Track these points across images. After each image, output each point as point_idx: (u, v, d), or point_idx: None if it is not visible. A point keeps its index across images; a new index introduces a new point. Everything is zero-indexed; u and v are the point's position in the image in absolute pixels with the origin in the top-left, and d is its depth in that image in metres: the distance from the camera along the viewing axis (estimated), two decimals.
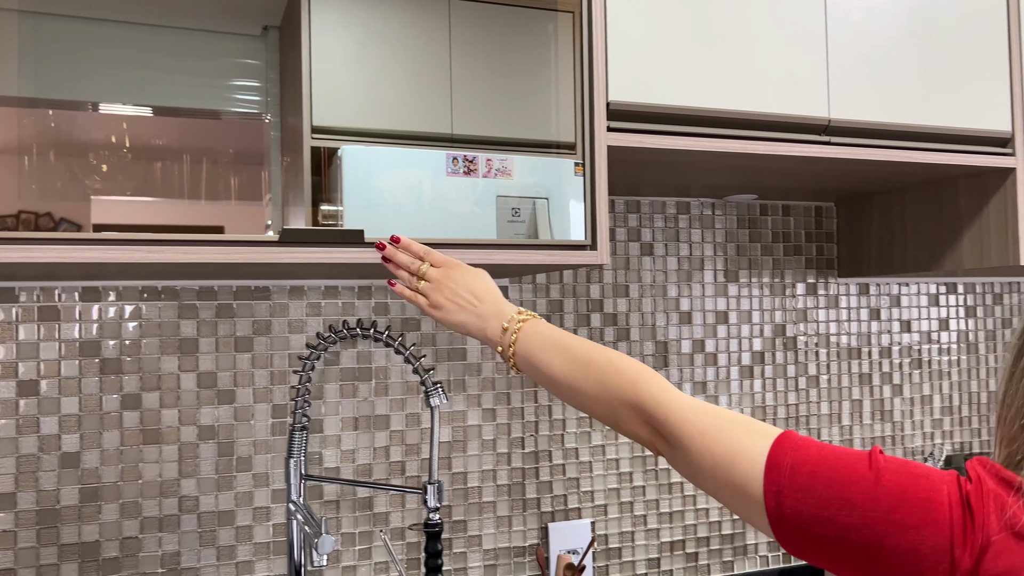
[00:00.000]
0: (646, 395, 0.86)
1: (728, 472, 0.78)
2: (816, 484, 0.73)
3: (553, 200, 1.19)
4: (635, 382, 0.87)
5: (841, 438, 1.86)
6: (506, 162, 1.19)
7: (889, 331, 1.92)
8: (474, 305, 1.00)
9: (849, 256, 1.85)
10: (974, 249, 1.55)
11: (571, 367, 0.92)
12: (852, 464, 0.74)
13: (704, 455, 0.80)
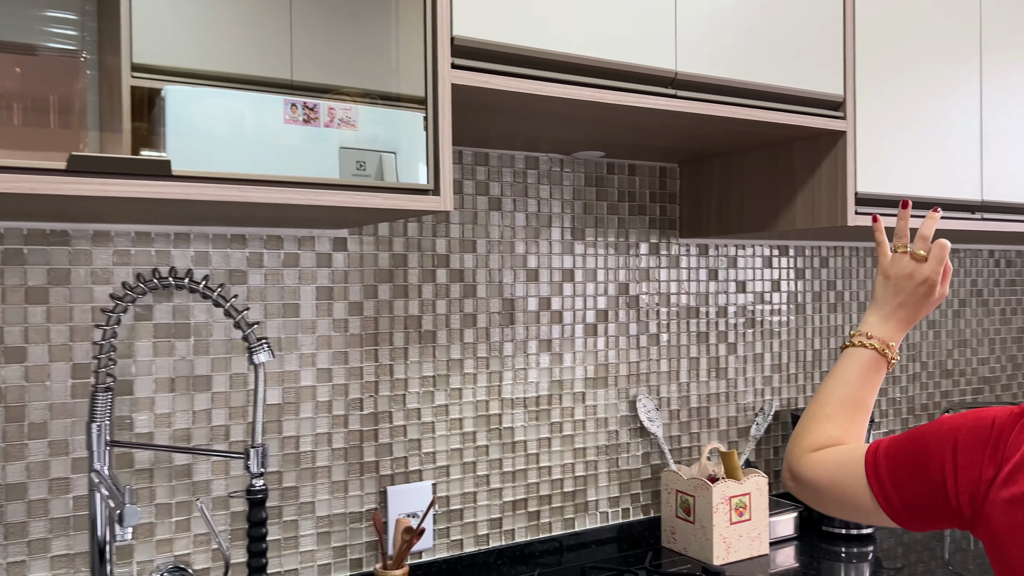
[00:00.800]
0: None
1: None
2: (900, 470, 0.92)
3: (402, 155, 1.10)
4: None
5: (679, 395, 1.90)
6: (350, 112, 1.09)
7: (726, 291, 1.97)
8: (897, 303, 1.10)
9: (690, 217, 1.87)
10: (806, 210, 1.61)
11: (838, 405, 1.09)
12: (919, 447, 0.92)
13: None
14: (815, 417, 1.07)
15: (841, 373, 1.08)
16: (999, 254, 2.51)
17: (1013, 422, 0.84)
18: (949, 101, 1.71)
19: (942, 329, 2.38)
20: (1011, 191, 1.82)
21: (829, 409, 1.07)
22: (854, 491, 0.96)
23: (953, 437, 0.87)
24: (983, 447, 0.84)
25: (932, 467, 0.88)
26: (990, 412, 0.87)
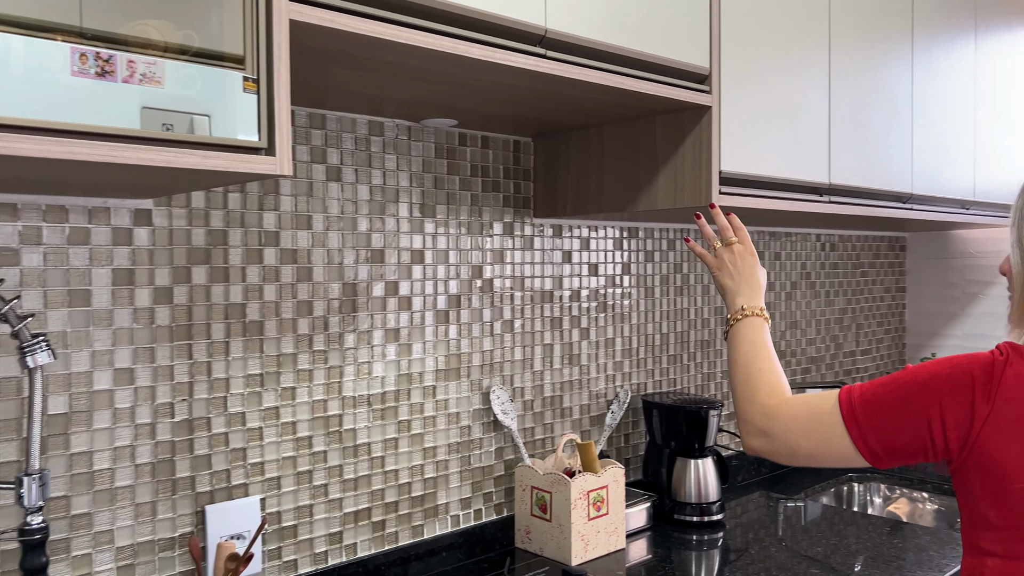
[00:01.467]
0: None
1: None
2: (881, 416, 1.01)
3: (216, 120, 0.89)
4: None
5: (533, 384, 1.78)
6: (155, 67, 0.86)
7: (579, 275, 1.87)
8: (744, 281, 1.27)
9: (545, 195, 1.75)
10: (669, 189, 1.53)
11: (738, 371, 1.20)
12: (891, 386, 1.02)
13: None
14: (753, 376, 1.16)
15: (748, 338, 1.20)
16: (824, 238, 2.61)
17: (999, 366, 0.97)
18: (803, 84, 1.69)
19: (776, 311, 2.42)
20: (855, 175, 1.84)
21: (758, 364, 1.17)
22: (831, 438, 1.05)
23: (936, 385, 0.98)
24: (968, 390, 0.96)
25: (913, 413, 0.99)
26: (962, 360, 0.99)
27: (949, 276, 2.89)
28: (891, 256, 2.91)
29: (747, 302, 1.25)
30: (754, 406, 1.14)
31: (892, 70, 1.97)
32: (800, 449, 1.09)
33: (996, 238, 2.77)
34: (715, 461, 1.90)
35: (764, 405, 1.13)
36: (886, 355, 2.90)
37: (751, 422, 1.14)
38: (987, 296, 2.80)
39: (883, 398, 1.02)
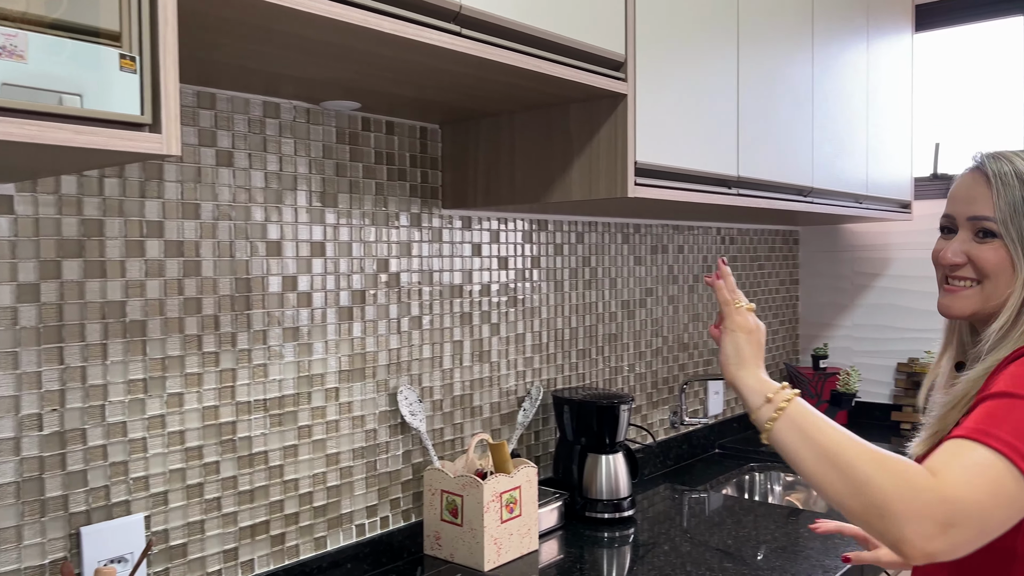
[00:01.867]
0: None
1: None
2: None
3: (88, 100, 0.77)
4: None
5: (443, 383, 1.70)
6: (16, 39, 0.74)
7: (489, 268, 1.81)
8: (757, 354, 1.07)
9: (454, 185, 1.68)
10: (584, 180, 1.48)
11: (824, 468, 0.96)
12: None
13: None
14: (869, 462, 0.92)
15: (818, 423, 0.98)
16: (724, 232, 2.64)
17: None
18: (713, 76, 1.68)
19: (679, 304, 2.44)
20: (762, 168, 1.85)
21: (856, 447, 0.95)
22: (1016, 497, 0.89)
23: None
24: None
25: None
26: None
27: (839, 268, 2.99)
28: (785, 249, 2.99)
29: (770, 379, 1.06)
30: (920, 495, 0.88)
31: (795, 65, 2.00)
32: (992, 523, 0.89)
33: (883, 231, 2.89)
34: (625, 456, 1.88)
35: (933, 490, 0.88)
36: (781, 346, 2.97)
37: (927, 518, 0.87)
38: (875, 287, 2.92)
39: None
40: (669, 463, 2.35)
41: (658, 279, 2.35)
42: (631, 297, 2.24)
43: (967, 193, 1.13)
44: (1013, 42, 2.64)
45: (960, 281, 1.14)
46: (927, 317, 2.79)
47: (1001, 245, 1.09)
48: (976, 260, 1.11)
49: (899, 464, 0.91)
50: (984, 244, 1.11)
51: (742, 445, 2.55)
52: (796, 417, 0.98)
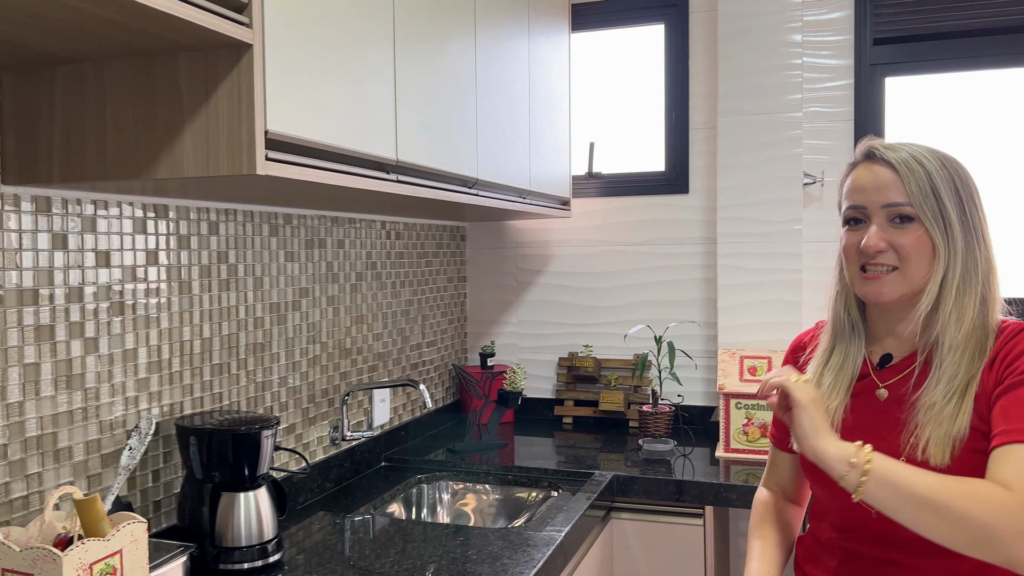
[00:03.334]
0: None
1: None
2: None
3: None
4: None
5: (7, 421, 1.26)
6: None
7: (81, 266, 1.39)
8: (824, 421, 1.12)
9: (21, 155, 1.24)
10: (199, 152, 1.15)
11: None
12: None
13: None
14: (961, 497, 1.00)
15: (902, 474, 1.05)
16: (390, 225, 2.44)
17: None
18: (366, 40, 1.44)
19: (340, 305, 2.18)
20: (424, 153, 1.65)
21: (943, 485, 1.02)
22: None
23: None
24: None
25: None
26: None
27: (504, 265, 2.95)
28: (453, 246, 2.88)
29: (847, 448, 1.08)
30: (1014, 515, 0.98)
31: (458, 47, 1.84)
32: None
33: (544, 228, 2.89)
34: (270, 490, 1.57)
35: (1021, 507, 0.99)
36: (450, 345, 2.85)
37: (1020, 528, 0.98)
38: (537, 284, 2.92)
39: None
40: (329, 485, 2.08)
41: (315, 278, 2.06)
42: (282, 299, 1.93)
43: (875, 183, 1.17)
44: (656, 48, 2.78)
45: (880, 267, 1.17)
46: (585, 312, 2.85)
47: (918, 227, 1.14)
48: (897, 245, 1.16)
49: (985, 490, 1.00)
50: (902, 229, 1.16)
51: (410, 455, 2.37)
52: (882, 475, 1.04)
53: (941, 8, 2.48)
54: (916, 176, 1.15)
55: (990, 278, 1.17)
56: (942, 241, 1.15)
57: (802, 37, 2.49)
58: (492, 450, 2.43)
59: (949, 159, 1.18)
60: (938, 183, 1.14)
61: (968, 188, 1.16)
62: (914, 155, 1.16)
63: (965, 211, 1.15)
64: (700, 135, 2.70)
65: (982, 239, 1.16)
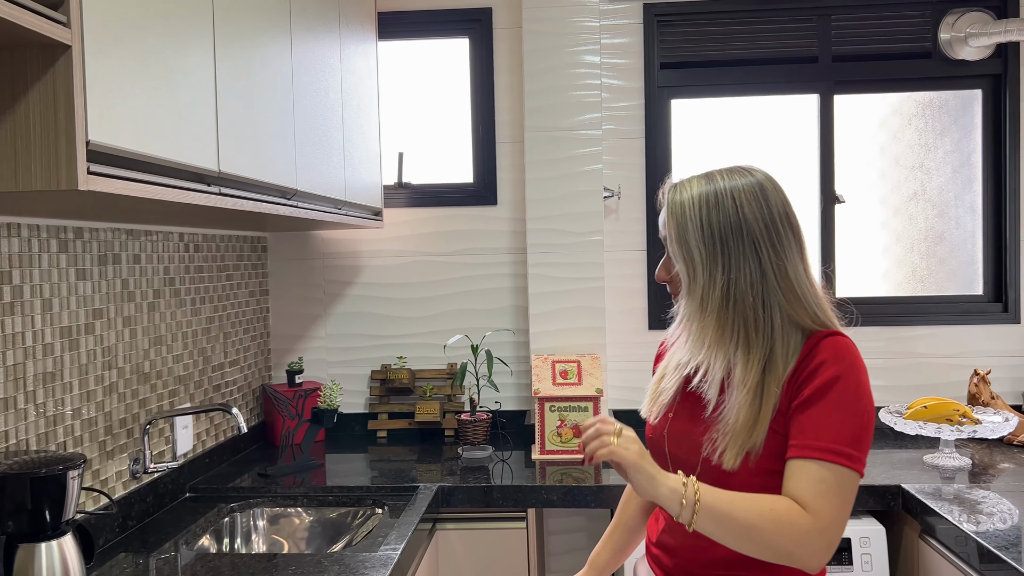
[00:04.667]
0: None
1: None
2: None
3: None
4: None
5: None
6: None
7: None
8: (653, 466, 1.22)
9: None
10: (7, 163, 1.01)
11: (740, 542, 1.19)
12: None
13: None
14: (770, 524, 1.16)
15: (724, 505, 1.18)
16: (188, 237, 2.27)
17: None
18: (187, 48, 1.33)
19: (138, 326, 1.99)
20: (245, 165, 1.56)
21: (755, 513, 1.17)
22: (856, 486, 1.20)
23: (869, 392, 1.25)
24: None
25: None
26: (859, 362, 1.26)
27: (311, 277, 2.85)
28: (254, 257, 2.74)
29: (673, 479, 1.21)
30: (809, 538, 1.16)
31: (274, 53, 1.76)
32: (849, 514, 1.21)
33: (354, 238, 2.84)
34: (76, 536, 1.41)
35: (815, 529, 1.16)
36: (254, 364, 2.71)
37: (820, 551, 1.17)
38: (347, 296, 2.85)
39: (870, 427, 1.21)
40: (131, 524, 1.90)
41: (109, 297, 1.87)
42: (74, 322, 1.74)
43: (661, 220, 1.33)
44: (460, 60, 2.83)
45: (675, 294, 1.36)
46: (398, 323, 2.83)
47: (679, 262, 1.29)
48: (672, 276, 1.34)
49: (788, 515, 1.16)
50: (671, 262, 1.33)
51: (217, 483, 2.22)
52: (709, 509, 1.17)
53: (718, 38, 2.75)
54: (676, 218, 1.27)
55: (769, 295, 1.24)
56: (688, 276, 1.28)
57: (600, 59, 2.64)
58: (307, 471, 2.34)
59: (721, 197, 1.26)
60: (688, 226, 1.26)
61: (734, 221, 1.24)
62: (683, 200, 1.28)
63: (717, 247, 1.24)
64: (507, 148, 2.78)
65: (749, 265, 1.24)
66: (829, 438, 1.17)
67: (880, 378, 2.72)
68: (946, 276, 2.79)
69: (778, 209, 1.27)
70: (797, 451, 1.18)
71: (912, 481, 2.08)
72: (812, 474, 1.16)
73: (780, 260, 1.24)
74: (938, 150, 2.78)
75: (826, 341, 1.23)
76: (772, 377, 1.23)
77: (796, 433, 1.20)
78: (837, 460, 1.16)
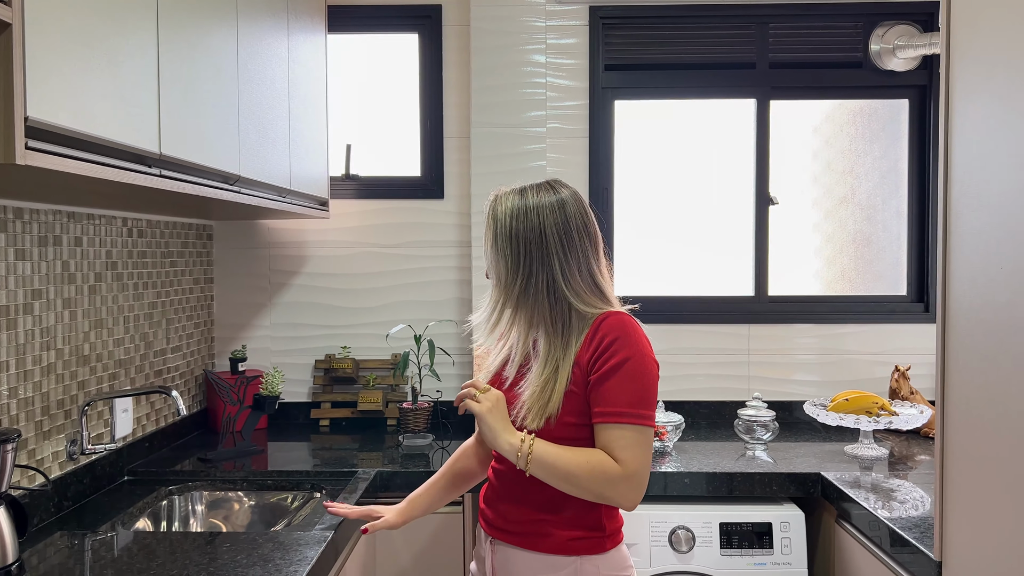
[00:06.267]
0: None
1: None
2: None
3: None
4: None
5: None
6: None
7: None
8: (502, 421, 1.51)
9: None
10: None
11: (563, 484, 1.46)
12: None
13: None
14: (588, 474, 1.43)
15: (552, 457, 1.45)
16: (132, 222, 2.27)
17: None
18: (127, 26, 1.36)
19: (78, 308, 2.00)
20: (187, 148, 1.59)
21: (579, 464, 1.44)
22: (652, 439, 1.47)
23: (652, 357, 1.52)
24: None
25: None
26: (638, 332, 1.50)
27: (256, 267, 2.87)
28: (199, 245, 2.74)
29: (514, 435, 1.48)
30: (620, 483, 1.43)
31: (219, 37, 1.78)
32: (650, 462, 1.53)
33: (299, 228, 2.86)
34: (9, 509, 1.42)
35: (624, 477, 1.42)
36: (196, 351, 2.71)
37: (629, 492, 1.44)
38: (292, 286, 2.87)
39: (653, 388, 1.46)
40: (67, 504, 1.91)
41: (49, 278, 1.88)
42: (12, 301, 1.74)
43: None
44: (410, 56, 2.87)
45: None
46: (343, 314, 2.86)
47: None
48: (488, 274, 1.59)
49: (601, 465, 1.42)
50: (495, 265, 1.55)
51: (156, 467, 2.23)
52: (539, 461, 1.44)
53: (661, 42, 2.84)
54: (491, 228, 1.54)
55: (559, 291, 1.49)
56: (496, 274, 1.54)
57: (546, 58, 2.71)
58: (247, 456, 2.36)
59: (528, 212, 1.50)
60: (499, 234, 1.51)
61: (535, 234, 1.49)
62: (496, 213, 1.53)
63: (520, 253, 1.49)
64: (454, 143, 2.83)
65: (545, 268, 1.49)
66: (625, 403, 1.43)
67: (810, 373, 2.84)
68: (873, 277, 2.92)
69: (575, 222, 1.51)
70: (602, 418, 1.45)
71: (833, 470, 2.19)
72: (616, 434, 1.43)
73: (570, 263, 1.50)
74: (867, 156, 2.91)
75: (610, 320, 1.48)
76: (565, 355, 1.49)
77: (598, 403, 1.45)
78: (633, 421, 1.43)
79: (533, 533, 1.52)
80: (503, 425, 1.49)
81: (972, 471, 1.40)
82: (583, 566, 1.50)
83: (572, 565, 1.50)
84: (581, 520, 1.51)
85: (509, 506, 1.56)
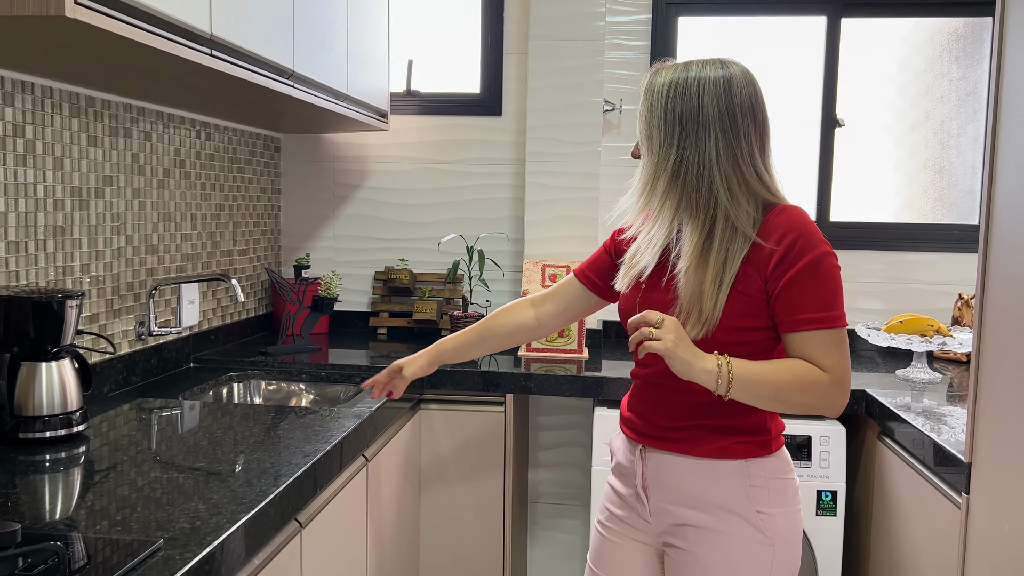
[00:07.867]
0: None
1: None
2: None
3: None
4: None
5: None
6: None
7: None
8: (691, 349, 1.31)
9: None
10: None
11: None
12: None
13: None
14: (796, 389, 1.32)
15: (756, 377, 1.31)
16: (200, 125, 2.39)
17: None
18: None
19: (147, 200, 2.13)
20: (239, 33, 1.66)
21: (784, 380, 1.32)
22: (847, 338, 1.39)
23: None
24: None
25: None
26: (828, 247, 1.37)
27: (320, 179, 2.97)
28: (267, 156, 2.85)
29: (708, 359, 1.30)
30: (829, 392, 1.32)
31: None
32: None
33: (361, 143, 2.94)
34: (74, 364, 1.56)
35: (832, 384, 1.32)
36: (263, 256, 2.85)
37: (838, 399, 1.33)
38: (354, 199, 2.96)
39: (841, 284, 1.35)
40: (135, 379, 2.06)
41: (119, 167, 2.01)
42: (84, 184, 1.87)
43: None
44: None
45: None
46: (402, 228, 2.94)
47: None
48: (633, 153, 1.55)
49: (808, 376, 1.31)
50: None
51: (220, 357, 2.37)
52: (741, 383, 1.30)
53: None
54: (646, 99, 1.40)
55: (715, 177, 1.34)
56: (645, 152, 1.41)
57: None
58: (305, 354, 2.48)
59: (687, 85, 1.36)
60: (653, 108, 1.38)
61: (692, 108, 1.35)
62: (655, 84, 1.39)
63: (675, 129, 1.35)
64: (513, 59, 2.84)
65: (699, 149, 1.35)
66: (821, 306, 1.32)
67: (873, 300, 2.77)
68: (945, 206, 2.81)
69: (741, 101, 1.35)
70: (798, 325, 1.32)
71: (882, 391, 2.15)
72: (817, 340, 1.32)
73: (730, 147, 1.35)
74: (945, 79, 2.78)
75: (790, 215, 1.35)
76: (729, 252, 1.34)
77: (792, 309, 1.32)
78: (829, 325, 1.32)
79: (691, 439, 1.41)
80: (693, 353, 1.29)
81: (1003, 383, 1.37)
82: (749, 470, 1.39)
83: (738, 471, 1.39)
84: (743, 422, 1.40)
85: (661, 410, 1.45)
